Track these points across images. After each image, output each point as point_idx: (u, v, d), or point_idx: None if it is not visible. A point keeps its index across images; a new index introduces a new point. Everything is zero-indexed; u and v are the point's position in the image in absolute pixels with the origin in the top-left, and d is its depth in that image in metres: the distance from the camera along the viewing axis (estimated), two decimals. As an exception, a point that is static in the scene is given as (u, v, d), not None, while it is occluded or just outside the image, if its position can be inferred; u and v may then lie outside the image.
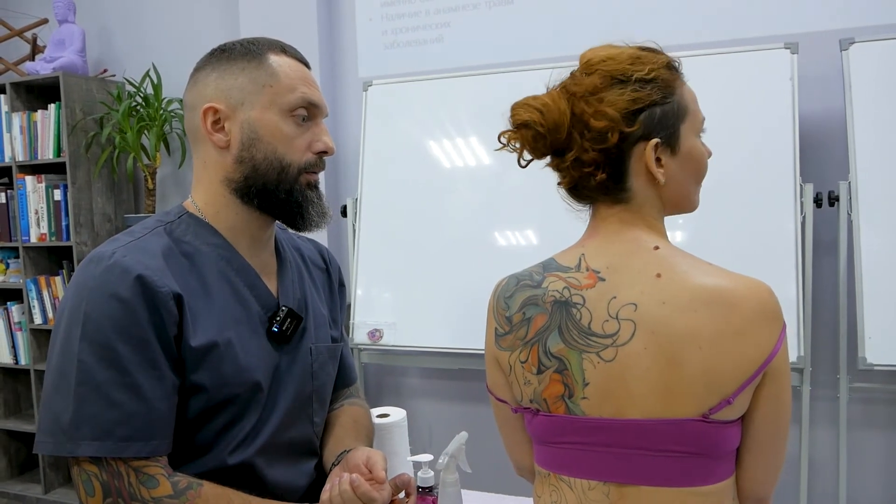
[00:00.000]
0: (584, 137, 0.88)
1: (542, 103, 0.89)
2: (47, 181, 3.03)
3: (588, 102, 0.87)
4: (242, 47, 1.01)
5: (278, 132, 0.99)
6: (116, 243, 0.95)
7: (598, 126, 0.87)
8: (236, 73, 0.99)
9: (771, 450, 0.88)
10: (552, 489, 0.91)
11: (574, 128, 0.88)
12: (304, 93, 1.01)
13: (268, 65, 1.00)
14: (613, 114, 0.86)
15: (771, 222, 2.05)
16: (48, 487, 3.12)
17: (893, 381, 2.14)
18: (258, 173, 0.99)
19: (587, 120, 0.87)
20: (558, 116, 0.88)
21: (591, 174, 0.88)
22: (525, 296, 0.91)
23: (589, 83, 0.88)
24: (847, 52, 2.05)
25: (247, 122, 0.99)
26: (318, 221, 1.05)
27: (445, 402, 2.78)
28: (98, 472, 0.89)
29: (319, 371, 1.12)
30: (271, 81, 0.99)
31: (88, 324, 0.89)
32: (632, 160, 0.88)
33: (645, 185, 0.90)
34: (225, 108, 0.99)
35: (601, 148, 0.87)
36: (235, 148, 0.99)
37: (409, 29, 2.76)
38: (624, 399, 0.84)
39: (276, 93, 0.99)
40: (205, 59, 1.03)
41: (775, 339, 0.82)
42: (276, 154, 0.99)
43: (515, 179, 2.38)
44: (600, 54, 0.90)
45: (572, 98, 0.88)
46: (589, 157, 0.88)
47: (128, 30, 3.27)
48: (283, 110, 0.99)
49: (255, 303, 1.03)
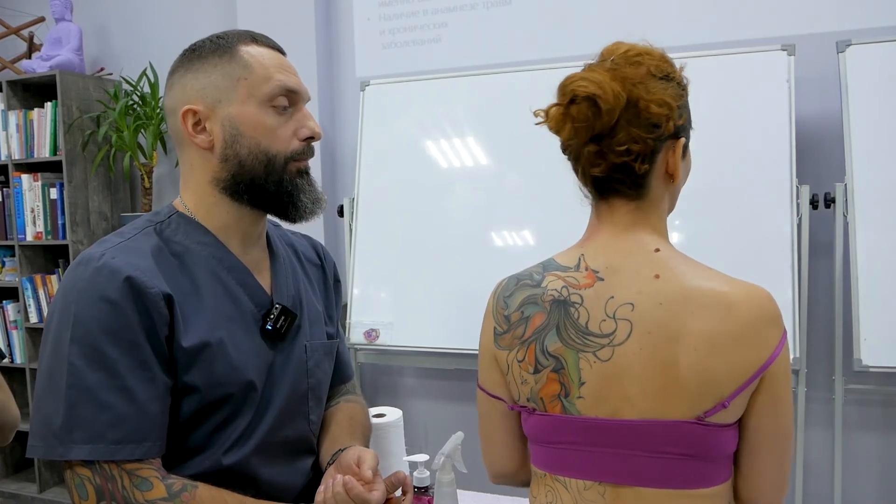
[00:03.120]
0: (633, 124, 0.85)
1: (599, 80, 0.84)
2: (43, 179, 3.02)
3: (646, 89, 0.85)
4: (212, 44, 0.99)
5: (259, 125, 0.97)
6: (105, 244, 0.94)
7: (658, 112, 0.85)
8: (209, 70, 0.97)
9: (770, 457, 0.87)
10: (548, 489, 0.91)
11: (625, 113, 0.85)
12: (281, 80, 0.98)
13: (239, 57, 0.98)
14: (672, 103, 0.86)
15: (767, 224, 2.05)
16: (43, 486, 3.11)
17: (888, 383, 2.14)
18: (245, 169, 0.98)
19: (645, 106, 0.85)
20: (614, 98, 0.84)
21: (632, 163, 0.86)
22: (524, 295, 0.91)
23: (639, 72, 0.86)
24: (844, 54, 2.05)
25: (227, 119, 0.97)
26: (311, 209, 1.02)
27: (442, 402, 2.78)
28: (91, 476, 0.88)
29: (315, 368, 1.11)
30: (245, 74, 0.97)
31: (78, 326, 0.88)
32: (659, 156, 0.88)
33: (661, 183, 0.90)
34: (203, 109, 0.97)
35: (654, 137, 0.86)
36: (219, 147, 0.97)
37: (406, 29, 2.76)
38: (620, 399, 0.84)
39: (252, 84, 0.97)
40: (177, 61, 1.01)
41: (774, 344, 0.82)
42: (261, 147, 0.97)
43: (513, 180, 2.38)
44: (637, 48, 0.88)
45: (625, 82, 0.85)
46: (638, 147, 0.85)
47: (125, 28, 3.26)
48: (261, 101, 0.97)
49: (247, 301, 1.02)
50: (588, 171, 0.88)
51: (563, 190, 0.99)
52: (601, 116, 0.84)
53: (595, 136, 0.85)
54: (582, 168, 0.89)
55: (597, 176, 0.88)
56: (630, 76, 0.85)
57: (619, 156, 0.85)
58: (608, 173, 0.87)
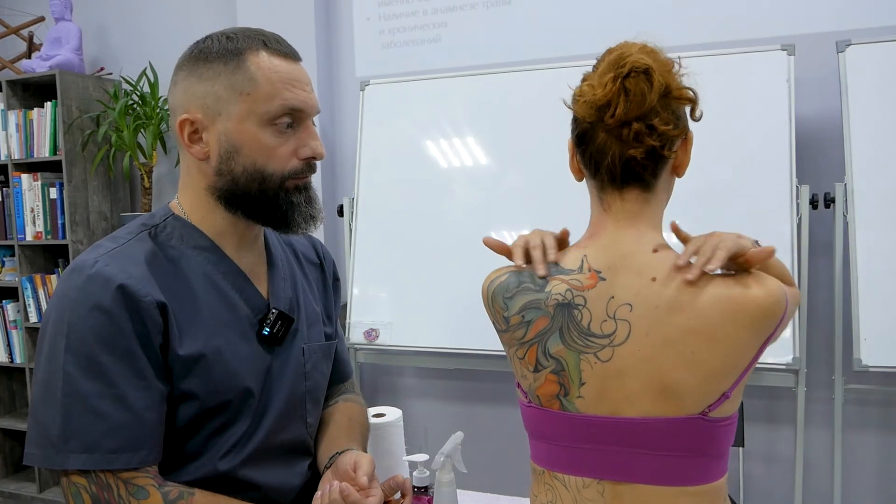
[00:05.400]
0: (665, 109, 0.85)
1: (644, 57, 0.85)
2: (43, 179, 3.02)
3: (674, 77, 0.86)
4: (220, 46, 0.94)
5: (256, 144, 0.93)
6: (99, 250, 0.93)
7: (688, 98, 0.86)
8: (213, 78, 0.93)
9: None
10: (547, 488, 0.91)
11: (661, 98, 0.85)
12: (286, 100, 0.94)
13: (245, 68, 0.93)
14: (695, 92, 0.87)
15: (767, 224, 2.05)
16: (43, 486, 3.11)
17: (888, 383, 2.14)
18: (238, 185, 0.95)
19: (677, 92, 0.86)
20: (661, 76, 0.85)
21: (660, 150, 0.86)
22: (526, 299, 0.91)
23: (664, 62, 0.86)
24: (843, 54, 2.05)
25: (224, 135, 0.93)
26: (304, 227, 0.99)
27: (441, 401, 2.78)
28: (87, 485, 0.88)
29: (312, 371, 1.10)
30: (248, 88, 0.92)
31: (72, 335, 0.87)
32: (676, 146, 0.89)
33: (668, 176, 0.91)
34: (202, 118, 0.94)
35: (683, 124, 0.87)
36: (214, 160, 0.95)
37: (406, 29, 2.76)
38: (619, 399, 0.85)
39: (255, 101, 0.92)
40: (184, 58, 0.97)
41: (773, 326, 0.83)
42: (256, 166, 0.94)
43: (512, 180, 2.38)
44: (648, 46, 0.89)
45: (661, 68, 0.86)
46: (677, 132, 0.86)
47: (125, 28, 3.26)
48: (261, 120, 0.93)
49: (244, 306, 1.00)
50: (625, 154, 0.86)
51: (563, 190, 0.99)
52: (653, 92, 0.84)
53: (642, 114, 0.84)
54: (613, 152, 0.87)
55: (629, 159, 0.86)
56: (662, 64, 0.86)
57: (658, 137, 0.85)
58: (643, 156, 0.86)
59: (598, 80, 0.86)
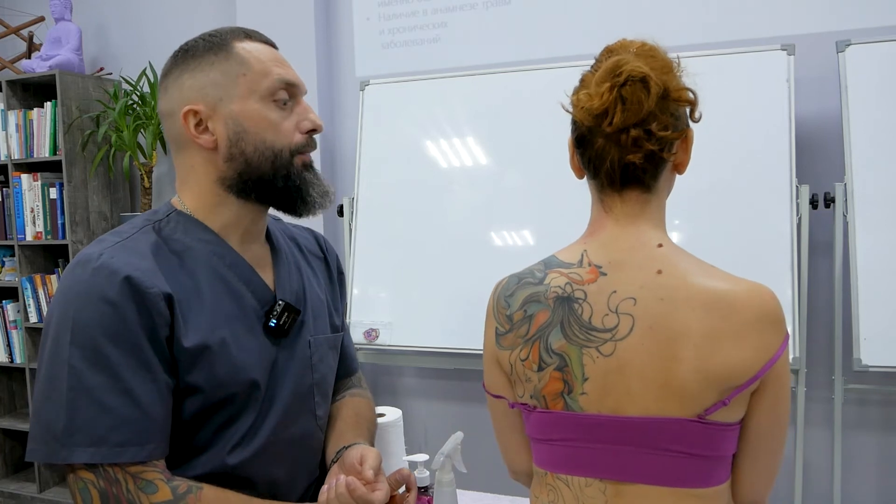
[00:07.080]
0: (663, 112, 0.85)
1: (644, 65, 0.84)
2: (43, 179, 3.02)
3: (673, 78, 0.85)
4: (205, 42, 0.98)
5: (263, 120, 0.96)
6: (103, 244, 0.93)
7: (688, 99, 0.86)
8: (206, 69, 0.96)
9: (767, 456, 0.88)
10: (549, 489, 0.91)
11: (660, 101, 0.84)
12: (280, 74, 0.97)
13: (235, 54, 0.96)
14: (694, 93, 0.87)
15: (767, 224, 2.05)
16: (43, 486, 3.11)
17: (888, 383, 2.14)
18: (251, 167, 0.96)
19: (675, 93, 0.85)
20: (659, 82, 0.84)
21: (659, 153, 0.86)
22: (526, 293, 0.91)
23: (665, 63, 0.86)
24: (843, 53, 2.05)
25: (230, 117, 0.95)
26: (320, 202, 1.01)
27: (441, 401, 2.78)
28: (94, 480, 0.87)
29: (319, 363, 1.09)
30: (244, 70, 0.96)
31: (77, 328, 0.87)
32: (675, 146, 0.89)
33: (668, 175, 0.91)
34: (205, 108, 0.95)
35: (680, 125, 0.87)
36: (224, 146, 0.96)
37: (406, 29, 2.76)
38: (622, 395, 0.84)
39: (252, 80, 0.96)
40: (169, 63, 1.00)
41: (776, 346, 0.82)
42: (266, 143, 0.96)
43: (512, 179, 2.38)
44: (647, 43, 0.88)
45: (659, 70, 0.85)
46: (672, 135, 0.86)
47: (124, 28, 3.26)
48: (262, 97, 0.96)
49: (250, 297, 1.00)
50: (623, 158, 0.86)
51: (563, 189, 0.99)
52: (650, 99, 0.83)
53: (640, 121, 0.84)
54: (612, 157, 0.87)
55: (628, 163, 0.86)
56: (660, 65, 0.85)
57: (656, 142, 0.85)
58: (643, 160, 0.86)
59: (595, 89, 0.85)
